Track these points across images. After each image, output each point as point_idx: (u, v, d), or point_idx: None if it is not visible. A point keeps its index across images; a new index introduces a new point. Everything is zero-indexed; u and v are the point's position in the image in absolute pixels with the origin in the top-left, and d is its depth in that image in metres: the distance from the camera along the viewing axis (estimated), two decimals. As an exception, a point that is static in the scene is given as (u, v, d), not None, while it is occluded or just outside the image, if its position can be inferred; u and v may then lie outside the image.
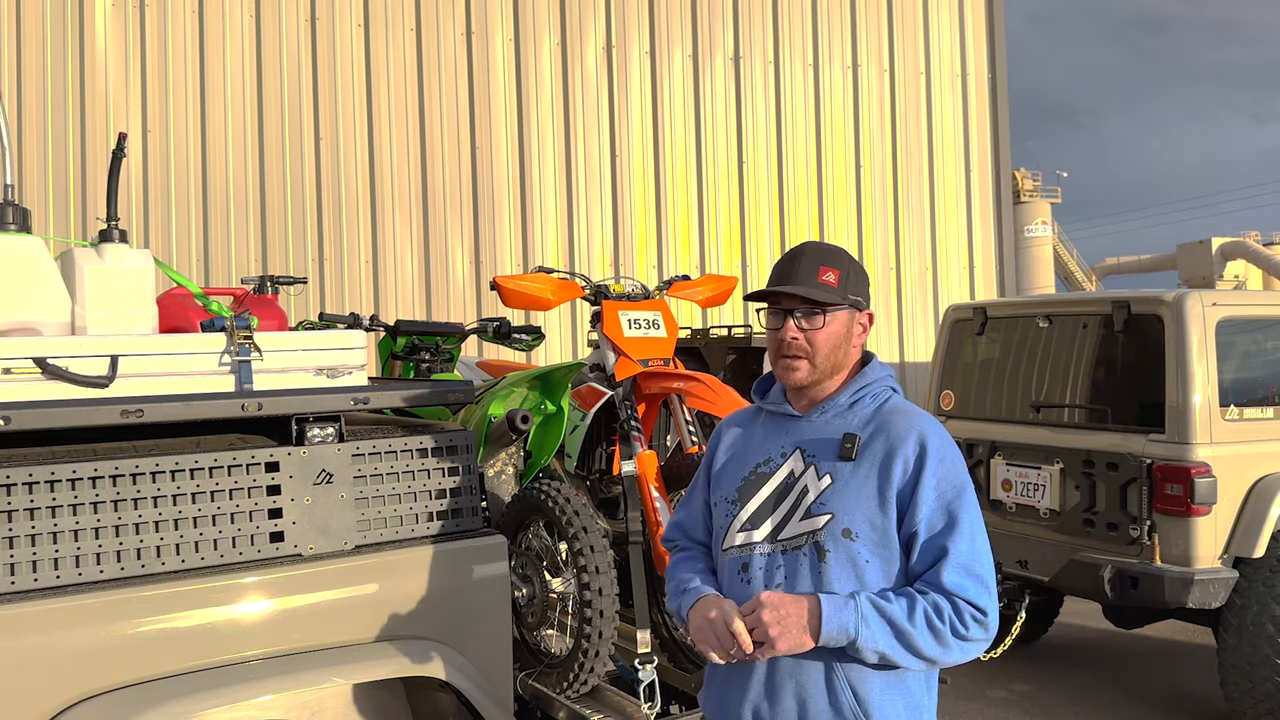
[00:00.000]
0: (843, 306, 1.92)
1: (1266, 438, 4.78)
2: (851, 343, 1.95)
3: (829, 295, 1.90)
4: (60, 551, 2.23)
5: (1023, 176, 39.96)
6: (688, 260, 8.19)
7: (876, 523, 1.83)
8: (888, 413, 1.91)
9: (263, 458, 2.47)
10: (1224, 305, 4.83)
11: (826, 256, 1.94)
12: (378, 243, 7.31)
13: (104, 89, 6.72)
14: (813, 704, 1.83)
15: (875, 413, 1.92)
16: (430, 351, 4.08)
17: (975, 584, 1.78)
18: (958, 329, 5.93)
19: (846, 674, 1.82)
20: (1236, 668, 4.56)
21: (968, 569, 1.78)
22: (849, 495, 1.85)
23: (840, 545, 1.83)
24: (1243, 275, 39.35)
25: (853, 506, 1.84)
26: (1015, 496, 5.28)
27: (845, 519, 1.84)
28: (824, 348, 1.91)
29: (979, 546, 1.81)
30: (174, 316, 2.89)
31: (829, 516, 1.85)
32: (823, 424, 1.94)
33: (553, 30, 7.81)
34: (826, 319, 1.91)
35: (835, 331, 1.92)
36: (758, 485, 1.95)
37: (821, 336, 1.91)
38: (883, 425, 1.89)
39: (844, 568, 1.83)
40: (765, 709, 1.87)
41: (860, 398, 1.93)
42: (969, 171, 9.19)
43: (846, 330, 1.94)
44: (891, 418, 1.89)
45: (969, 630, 1.76)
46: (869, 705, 1.82)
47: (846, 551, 1.83)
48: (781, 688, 1.85)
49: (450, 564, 2.65)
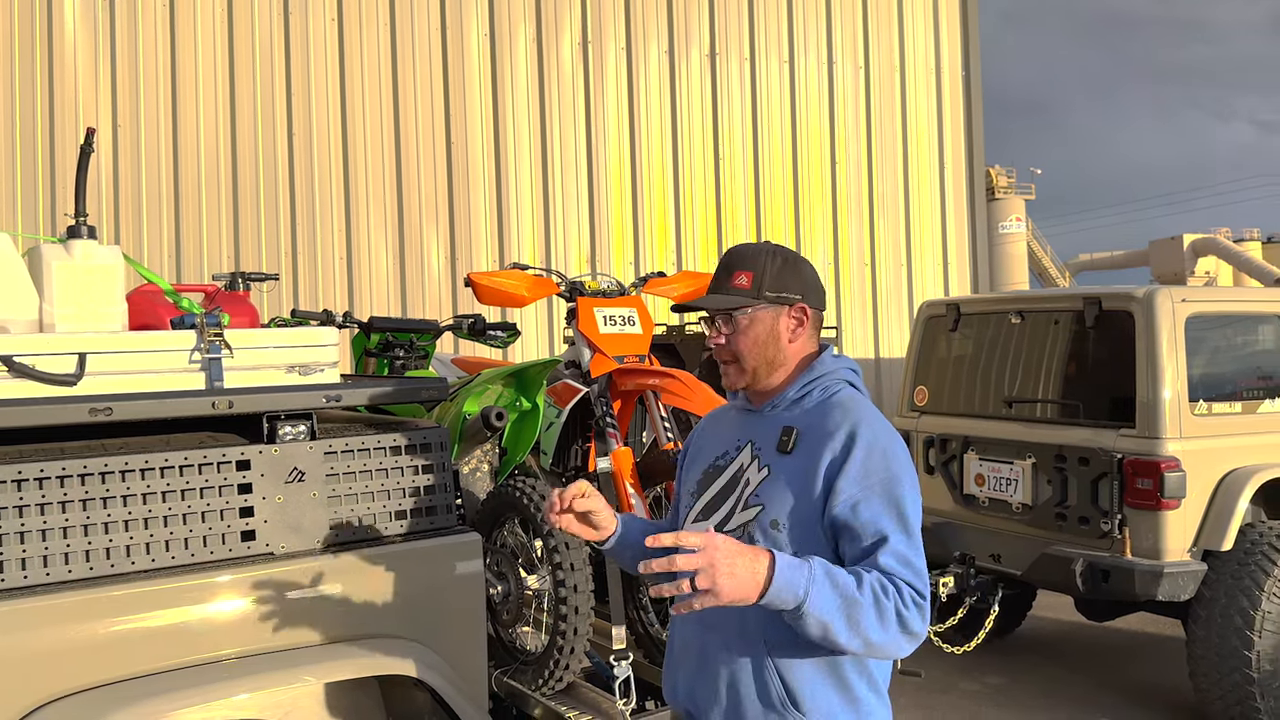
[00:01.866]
0: (758, 306, 1.94)
1: (1235, 432, 4.85)
2: (784, 339, 1.96)
3: (737, 300, 1.94)
4: (28, 551, 2.21)
5: (997, 173, 40.23)
6: (664, 257, 8.19)
7: (802, 514, 1.84)
8: (831, 405, 1.91)
9: (234, 456, 2.45)
10: (1194, 301, 4.88)
11: (743, 260, 1.98)
12: (351, 239, 7.26)
13: (73, 83, 6.64)
14: (743, 689, 1.84)
15: (820, 406, 1.93)
16: (404, 348, 4.06)
17: (912, 574, 1.74)
18: (932, 325, 5.97)
19: (776, 663, 1.82)
20: (1205, 659, 4.62)
21: (904, 559, 1.75)
22: (779, 487, 1.87)
23: (768, 536, 1.85)
24: (1213, 271, 39.79)
25: (781, 498, 1.86)
26: (988, 491, 5.33)
27: (772, 510, 1.86)
28: (746, 349, 1.95)
29: (916, 541, 1.79)
30: (144, 313, 2.86)
31: (760, 508, 1.88)
32: (772, 418, 1.96)
33: (528, 25, 7.78)
34: (744, 322, 1.94)
35: (757, 332, 1.95)
36: (714, 477, 1.99)
37: (742, 340, 1.95)
38: (821, 418, 1.89)
39: None
40: (699, 688, 1.91)
41: (808, 391, 1.95)
42: (943, 168, 9.24)
43: (770, 329, 1.95)
44: (831, 411, 1.90)
45: (909, 613, 1.71)
46: (799, 696, 1.81)
47: (773, 543, 1.83)
48: (713, 670, 1.88)
49: (425, 562, 2.64)
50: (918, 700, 5.32)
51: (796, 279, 1.97)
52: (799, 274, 1.97)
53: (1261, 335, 5.17)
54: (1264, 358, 5.12)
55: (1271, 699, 4.49)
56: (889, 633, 1.71)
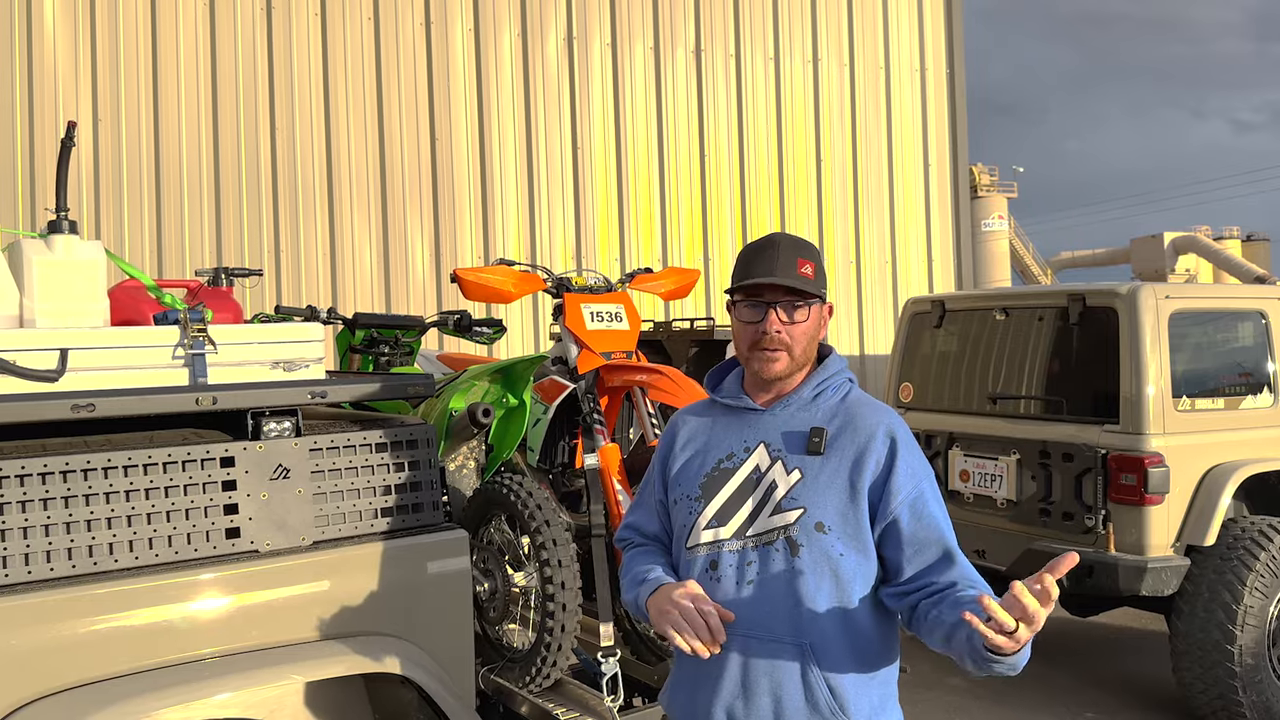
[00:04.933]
0: (819, 300, 1.93)
1: (1217, 428, 4.88)
2: (820, 335, 1.97)
3: (811, 287, 1.90)
4: (9, 549, 2.18)
5: (980, 171, 40.44)
6: (650, 253, 8.18)
7: (849, 515, 1.83)
8: (852, 405, 1.92)
9: (218, 453, 2.43)
10: (1177, 298, 4.91)
11: (803, 249, 1.93)
12: (335, 234, 7.22)
13: (53, 76, 6.57)
14: (789, 701, 1.81)
15: (839, 405, 1.92)
16: (390, 344, 4.04)
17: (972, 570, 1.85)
18: (916, 321, 5.98)
19: (822, 669, 1.81)
20: (1188, 653, 4.65)
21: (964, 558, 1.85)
22: (820, 489, 1.84)
23: (813, 539, 1.82)
24: (1194, 269, 40.13)
25: (823, 500, 1.83)
26: (973, 487, 5.35)
27: (817, 513, 1.83)
28: (801, 341, 1.91)
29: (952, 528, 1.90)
30: (126, 309, 2.83)
31: (801, 510, 1.83)
32: (786, 418, 1.92)
33: (513, 21, 7.75)
34: (804, 314, 1.90)
35: (811, 324, 1.92)
36: (722, 481, 1.92)
37: (799, 330, 1.90)
38: (850, 418, 1.89)
39: (818, 560, 1.82)
40: (740, 708, 1.84)
41: (822, 390, 1.93)
42: (927, 166, 9.27)
43: (817, 324, 1.94)
44: (858, 410, 1.90)
45: None
46: (845, 700, 1.82)
47: (820, 545, 1.82)
48: (756, 686, 1.83)
49: (411, 559, 2.63)
50: (904, 695, 5.30)
51: (824, 278, 1.96)
52: (825, 273, 1.97)
53: (1243, 332, 5.21)
54: (1245, 354, 5.15)
55: (1254, 692, 4.53)
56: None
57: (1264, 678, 4.56)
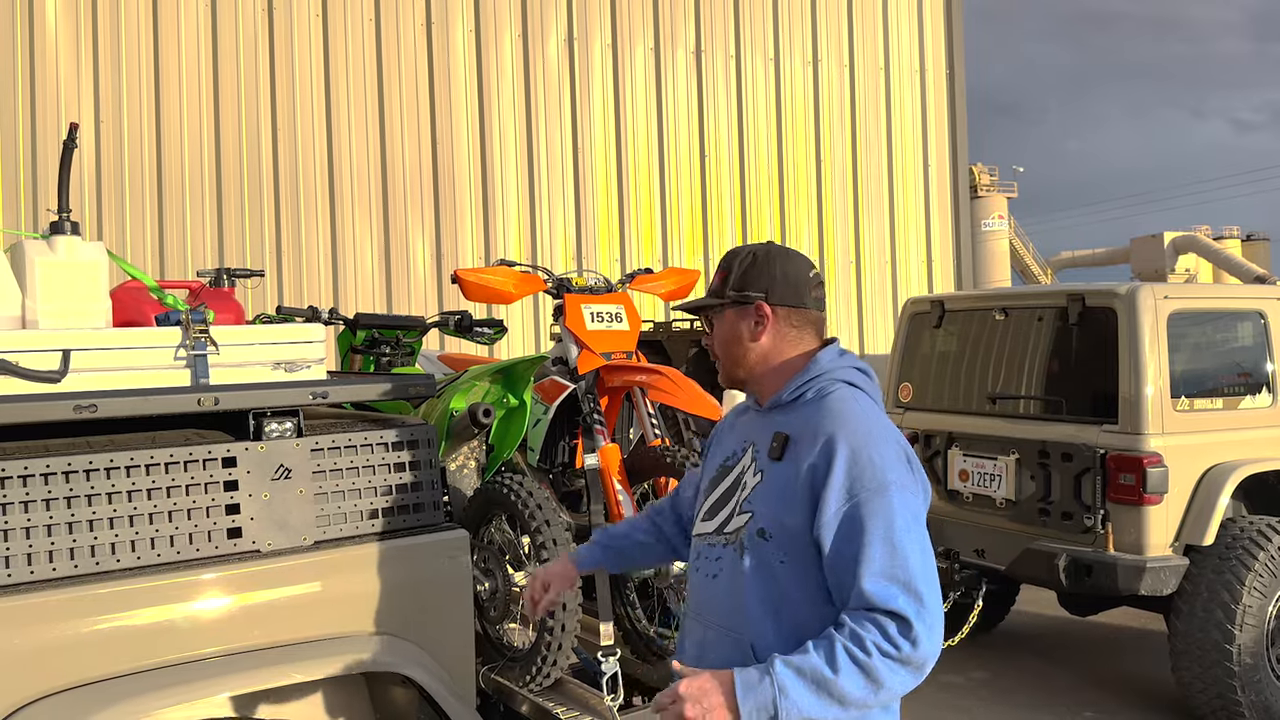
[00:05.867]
0: (725, 306, 1.93)
1: (1216, 428, 4.89)
2: (746, 339, 1.92)
3: (706, 300, 1.97)
4: (11, 549, 2.19)
5: (980, 171, 40.42)
6: (650, 253, 8.19)
7: (788, 524, 1.78)
8: (818, 409, 1.84)
9: (219, 453, 2.44)
10: (1176, 298, 4.92)
11: (725, 260, 1.98)
12: (336, 235, 7.23)
13: (55, 77, 6.58)
14: None
15: (809, 408, 1.86)
16: (391, 345, 4.04)
17: (900, 590, 1.67)
18: (916, 321, 5.99)
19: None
20: (1187, 653, 4.66)
21: (889, 575, 1.68)
22: (767, 495, 1.83)
23: (755, 545, 1.81)
24: (1193, 269, 40.10)
25: (768, 507, 1.82)
26: (972, 486, 5.36)
27: (760, 519, 1.82)
28: (723, 347, 1.96)
29: (904, 551, 1.70)
30: (128, 310, 2.84)
31: (749, 516, 1.84)
32: (769, 420, 1.91)
33: (514, 22, 7.76)
34: (717, 322, 1.96)
35: (723, 332, 1.95)
36: (721, 479, 1.96)
37: (716, 339, 1.97)
38: (813, 425, 1.82)
39: (760, 567, 1.81)
40: None
41: (802, 393, 1.88)
42: (927, 166, 9.27)
43: (733, 329, 1.93)
44: (817, 415, 1.83)
45: (900, 649, 1.67)
46: None
47: (760, 552, 1.81)
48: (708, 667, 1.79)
49: (412, 559, 2.64)
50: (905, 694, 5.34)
51: (762, 277, 1.90)
52: (767, 272, 1.91)
53: (1242, 332, 5.21)
54: (1244, 354, 5.16)
55: (1252, 692, 4.53)
56: (886, 682, 1.68)
57: (1263, 677, 4.57)
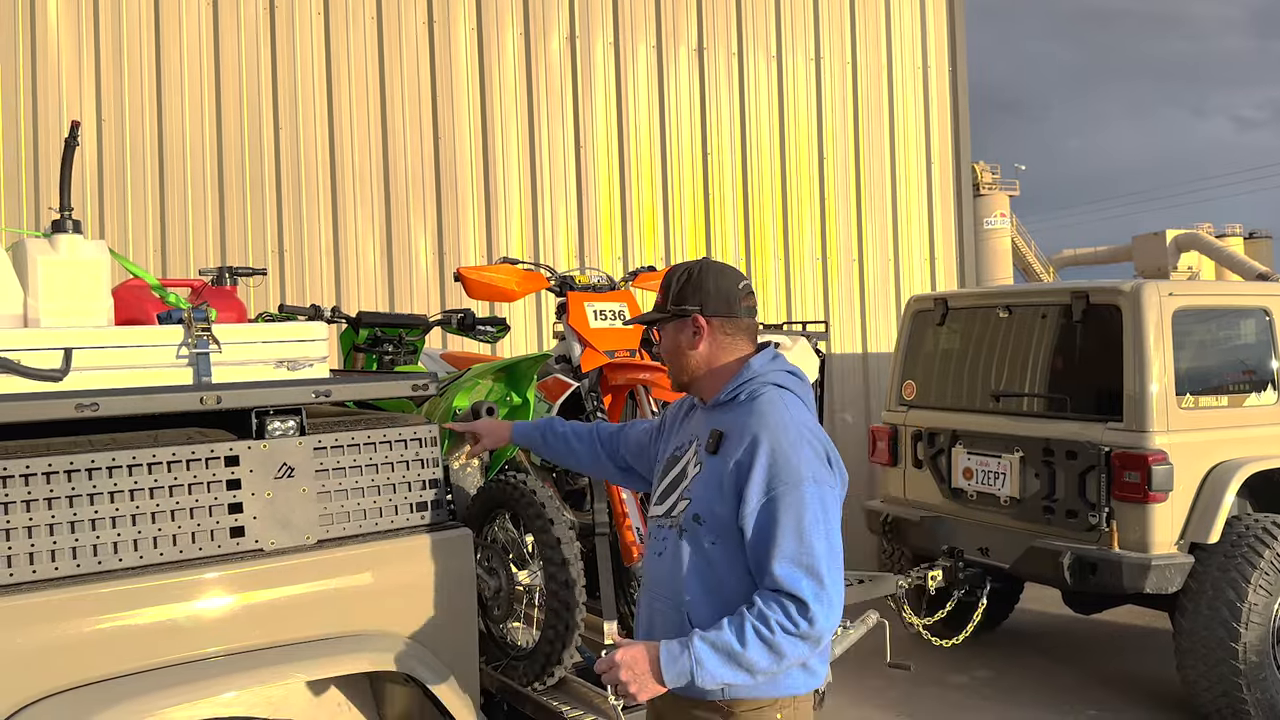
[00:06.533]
0: (667, 320, 2.18)
1: (1221, 425, 4.87)
2: (685, 348, 2.16)
3: (650, 316, 2.24)
4: (14, 549, 2.18)
5: (982, 169, 40.38)
6: (653, 251, 8.18)
7: (718, 512, 2.04)
8: (747, 410, 2.08)
9: (222, 452, 2.43)
10: (1180, 295, 4.91)
11: (664, 278, 2.22)
12: (339, 233, 7.22)
13: (56, 75, 6.57)
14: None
15: (740, 409, 2.10)
16: (393, 343, 4.04)
17: (804, 575, 1.93)
18: (919, 319, 5.98)
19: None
20: (1192, 651, 4.65)
21: (796, 561, 1.93)
22: (704, 485, 2.08)
23: (692, 528, 2.08)
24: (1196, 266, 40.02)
25: (704, 496, 2.07)
26: (976, 484, 5.34)
27: (696, 505, 2.08)
28: (666, 358, 2.23)
29: (809, 540, 1.94)
30: (130, 308, 2.84)
31: (688, 502, 2.10)
32: (710, 418, 2.16)
33: (516, 20, 7.74)
34: (660, 335, 2.23)
35: (667, 342, 2.21)
36: (671, 466, 2.22)
37: (662, 349, 2.24)
38: (741, 424, 2.06)
39: (696, 549, 2.07)
40: None
41: (736, 395, 2.12)
42: (930, 164, 9.25)
43: (674, 340, 2.18)
44: (745, 415, 2.07)
45: (798, 626, 1.91)
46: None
47: (695, 534, 2.07)
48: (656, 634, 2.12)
49: (415, 557, 2.63)
50: (906, 693, 5.33)
51: (697, 292, 2.14)
52: (700, 287, 2.14)
53: (1246, 329, 5.20)
54: (1249, 351, 5.15)
55: (1258, 690, 4.52)
56: (789, 652, 1.92)
57: (1268, 675, 4.56)
